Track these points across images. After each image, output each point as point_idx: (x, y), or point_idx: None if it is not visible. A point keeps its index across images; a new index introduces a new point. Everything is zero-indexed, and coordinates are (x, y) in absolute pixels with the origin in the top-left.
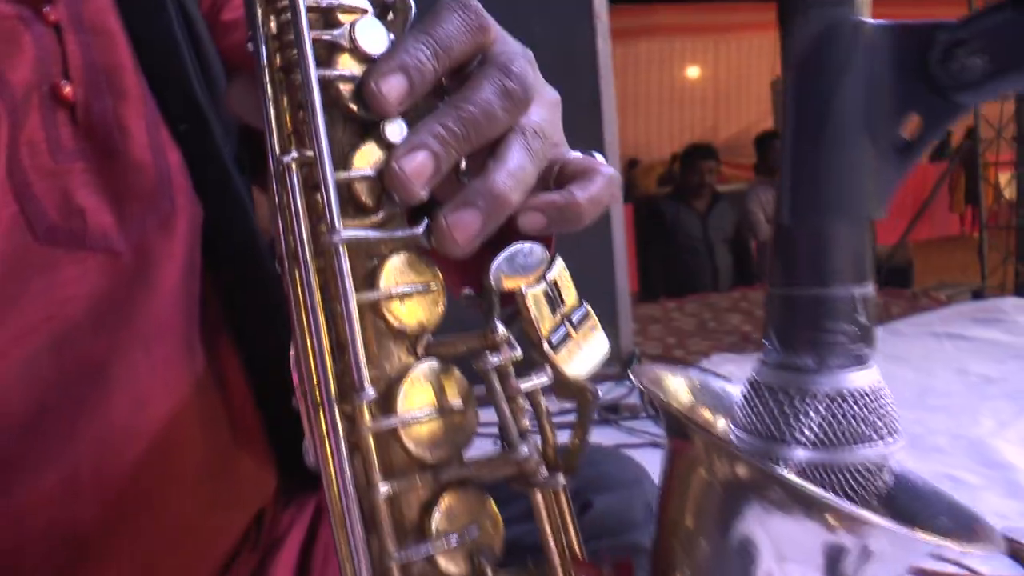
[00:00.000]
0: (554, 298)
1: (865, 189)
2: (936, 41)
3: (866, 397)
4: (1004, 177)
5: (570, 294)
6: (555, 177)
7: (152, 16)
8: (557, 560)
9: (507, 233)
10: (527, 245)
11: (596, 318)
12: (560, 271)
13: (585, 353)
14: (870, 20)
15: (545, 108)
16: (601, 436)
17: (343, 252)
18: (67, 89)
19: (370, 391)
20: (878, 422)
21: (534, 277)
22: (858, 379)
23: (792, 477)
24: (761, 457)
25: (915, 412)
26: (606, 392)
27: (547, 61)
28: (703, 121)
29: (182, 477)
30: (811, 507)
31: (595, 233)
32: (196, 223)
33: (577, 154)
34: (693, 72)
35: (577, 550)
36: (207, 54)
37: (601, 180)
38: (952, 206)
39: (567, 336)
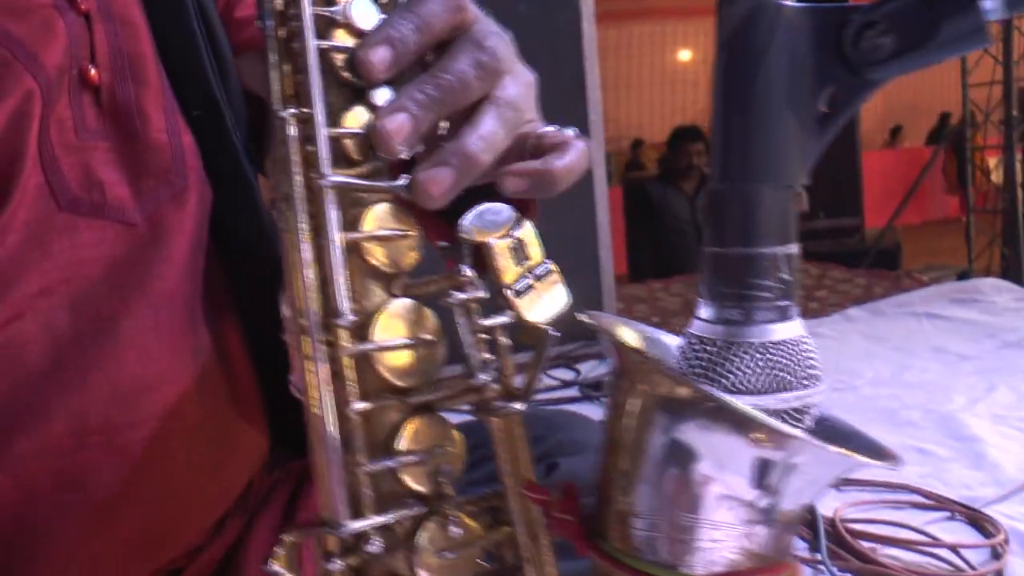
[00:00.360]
0: (519, 253)
1: (788, 158)
2: (850, 22)
3: (788, 347)
4: (994, 160)
5: (536, 252)
6: (532, 148)
7: (173, 11)
8: (510, 483)
9: (493, 197)
10: (496, 205)
11: (560, 274)
12: (528, 231)
13: (546, 302)
14: (791, 3)
15: (520, 85)
16: (584, 412)
17: (330, 195)
18: (93, 73)
19: (348, 315)
20: (799, 370)
21: (501, 233)
22: (781, 331)
23: (725, 396)
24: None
25: (892, 388)
26: (589, 370)
27: (532, 42)
28: (695, 104)
29: (185, 437)
30: (742, 423)
31: (580, 214)
32: (206, 202)
33: (551, 128)
34: (685, 55)
35: (530, 475)
36: (221, 48)
37: (575, 151)
38: (948, 188)
39: (530, 286)
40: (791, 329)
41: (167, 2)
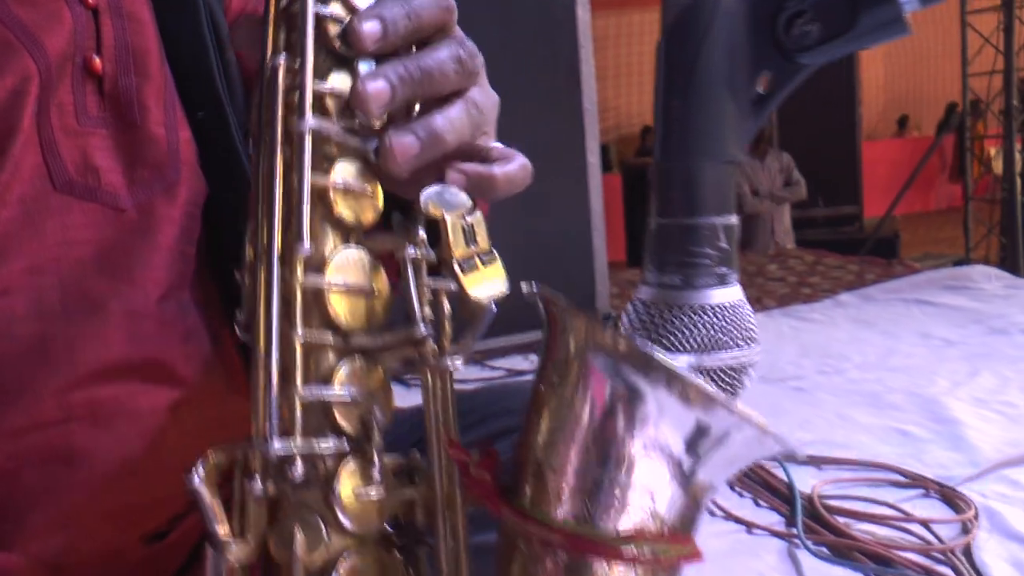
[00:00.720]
0: (470, 236)
1: (726, 135)
2: (782, 11)
3: (725, 310)
4: (994, 150)
5: (484, 239)
6: (479, 160)
7: (184, 13)
8: (435, 438)
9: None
10: (456, 188)
11: (501, 264)
12: (479, 219)
13: (487, 284)
14: None
15: (488, 98)
16: None
17: (308, 138)
18: (97, 62)
19: (307, 244)
20: (736, 332)
21: (456, 214)
22: (719, 295)
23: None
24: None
25: (877, 372)
26: None
27: (527, 29)
28: None
29: (176, 417)
30: (662, 378)
31: (574, 200)
32: (197, 196)
33: (500, 146)
34: None
35: (454, 435)
36: (228, 55)
37: (517, 164)
38: (951, 178)
39: (475, 266)
40: (730, 294)
41: (179, 5)
